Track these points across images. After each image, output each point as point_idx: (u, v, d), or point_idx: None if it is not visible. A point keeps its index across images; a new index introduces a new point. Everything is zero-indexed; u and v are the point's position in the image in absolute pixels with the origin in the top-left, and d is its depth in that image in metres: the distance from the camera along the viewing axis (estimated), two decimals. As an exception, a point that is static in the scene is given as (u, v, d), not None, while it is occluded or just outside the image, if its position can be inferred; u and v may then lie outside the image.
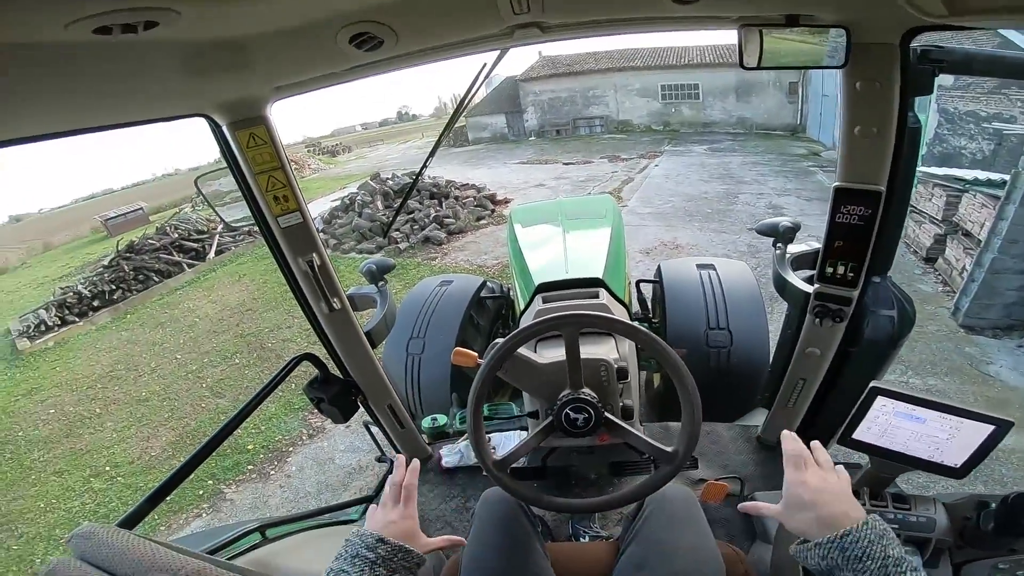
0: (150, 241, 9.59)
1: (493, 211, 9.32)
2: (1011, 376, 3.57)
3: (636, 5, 0.95)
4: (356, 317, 1.53)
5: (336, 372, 1.62)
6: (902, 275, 5.09)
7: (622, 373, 1.27)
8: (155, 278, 8.56)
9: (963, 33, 1.10)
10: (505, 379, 1.15)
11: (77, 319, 7.47)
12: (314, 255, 1.32)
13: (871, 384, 1.00)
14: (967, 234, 4.82)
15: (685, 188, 9.71)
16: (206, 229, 10.32)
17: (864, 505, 0.98)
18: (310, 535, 1.43)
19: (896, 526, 0.93)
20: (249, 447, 3.82)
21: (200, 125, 1.14)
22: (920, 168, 4.96)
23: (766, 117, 17.64)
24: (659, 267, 2.62)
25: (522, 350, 1.11)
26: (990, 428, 0.91)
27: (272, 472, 3.58)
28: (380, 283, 1.71)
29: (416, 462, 0.91)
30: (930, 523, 0.96)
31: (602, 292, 1.76)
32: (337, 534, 1.50)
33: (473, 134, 22.49)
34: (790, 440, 0.81)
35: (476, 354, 1.15)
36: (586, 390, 1.04)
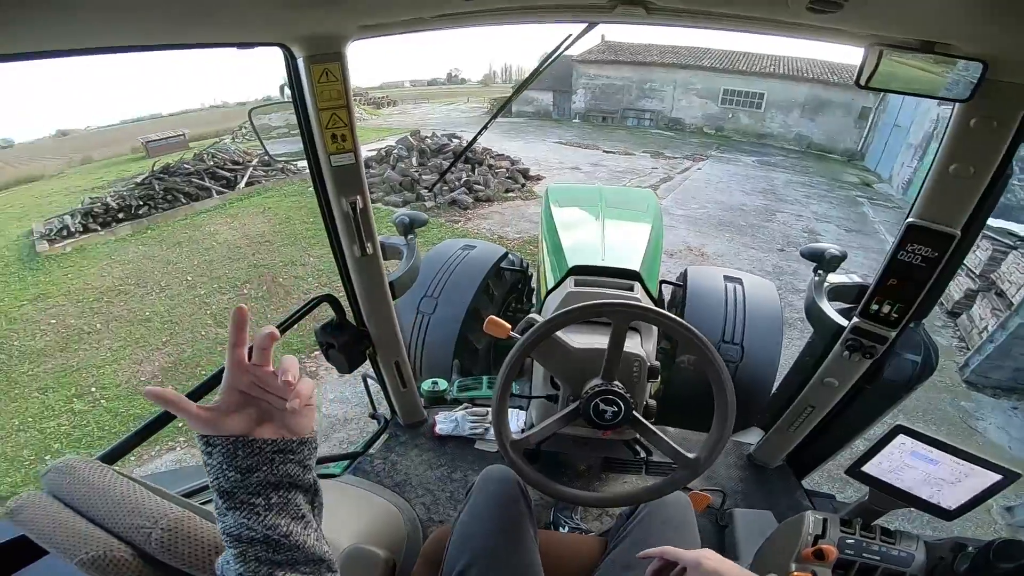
0: (185, 166, 9.67)
1: (523, 185, 9.18)
2: (996, 434, 3.64)
3: (760, 4, 0.87)
4: (384, 266, 1.52)
5: (351, 319, 1.60)
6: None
7: (653, 372, 1.27)
8: (183, 199, 8.64)
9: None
10: (534, 358, 1.12)
11: (99, 228, 7.58)
12: (358, 197, 1.32)
13: (897, 423, 1.02)
14: (1000, 294, 4.65)
15: (723, 197, 9.42)
16: (241, 161, 10.39)
17: (854, 534, 1.04)
18: None
19: (877, 558, 1.00)
20: None
21: (263, 57, 1.15)
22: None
23: (826, 138, 16.98)
24: (685, 271, 2.55)
25: (558, 331, 1.08)
26: (997, 477, 0.95)
27: None
28: (410, 236, 1.70)
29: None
30: (908, 559, 1.00)
31: (637, 286, 1.68)
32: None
33: (516, 107, 22.08)
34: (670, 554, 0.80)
35: (509, 326, 1.11)
36: (618, 383, 1.02)
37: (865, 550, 1.01)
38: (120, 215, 7.90)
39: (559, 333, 1.08)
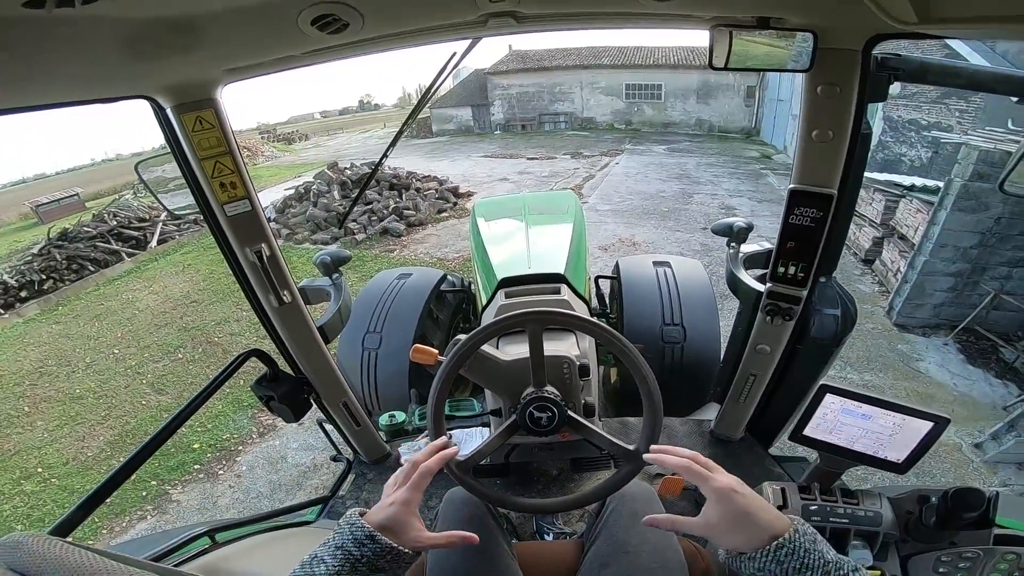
0: (86, 229, 8.95)
1: (455, 204, 9.23)
2: (938, 372, 3.88)
3: (613, 0, 0.94)
4: (308, 311, 1.47)
5: (287, 368, 1.55)
6: (843, 275, 5.39)
7: (584, 370, 1.27)
8: (91, 267, 7.98)
9: (911, 42, 1.14)
10: (467, 376, 1.13)
11: (2, 311, 6.88)
12: (263, 245, 1.27)
13: (820, 383, 1.03)
14: (902, 238, 5.15)
15: (643, 187, 9.93)
16: (148, 217, 9.74)
17: (815, 500, 1.03)
18: (263, 538, 1.35)
19: (846, 520, 0.98)
20: (195, 446, 3.65)
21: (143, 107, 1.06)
22: (864, 173, 5.19)
23: (723, 119, 18.28)
24: (617, 264, 2.65)
25: (485, 347, 1.09)
26: (930, 424, 0.96)
27: (221, 472, 3.44)
28: (335, 275, 1.65)
29: (452, 449, 0.83)
30: (877, 517, 0.98)
31: (564, 288, 1.76)
32: (293, 536, 1.44)
33: (437, 126, 22.20)
34: (672, 453, 0.74)
35: (436, 351, 1.12)
36: (549, 388, 1.03)
37: (831, 514, 1.00)
38: (23, 293, 7.20)
39: (487, 349, 1.10)
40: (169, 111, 1.06)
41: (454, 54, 1.24)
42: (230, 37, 0.88)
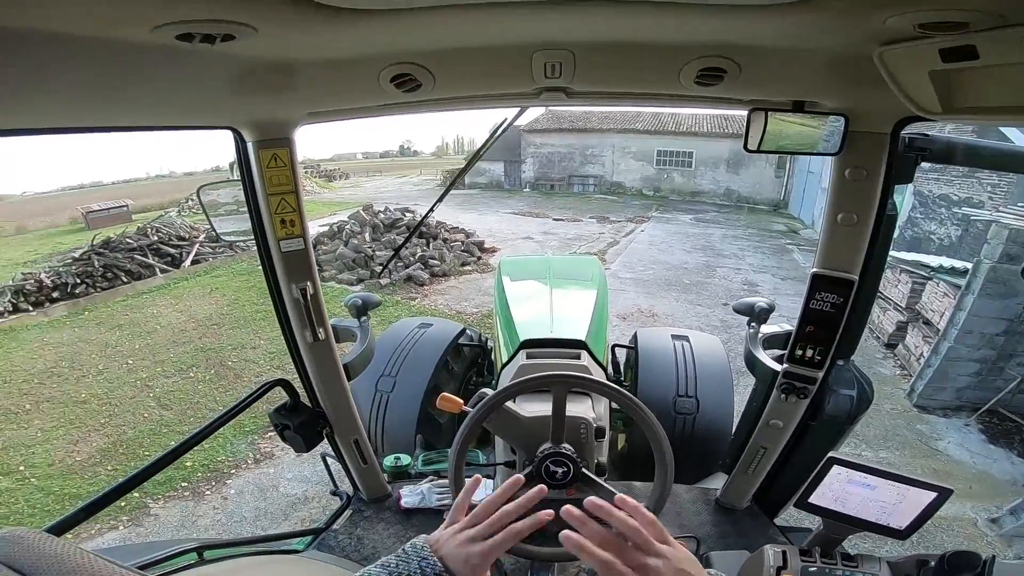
0: (128, 240, 9.40)
1: (480, 258, 9.37)
2: (956, 451, 3.84)
3: (658, 83, 1.01)
4: (337, 349, 1.52)
5: (306, 400, 1.61)
6: (864, 358, 5.27)
7: (600, 432, 1.32)
8: (124, 278, 8.32)
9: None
10: (488, 428, 1.19)
11: (31, 308, 7.14)
12: (308, 283, 1.34)
13: (828, 455, 1.07)
14: (927, 323, 5.05)
15: (667, 257, 9.99)
16: (187, 236, 10.17)
17: (815, 562, 1.06)
18: (251, 561, 1.36)
19: None
20: (187, 464, 3.65)
21: (208, 135, 1.16)
22: (891, 253, 5.14)
23: (752, 190, 18.40)
24: (635, 334, 2.70)
25: (508, 403, 1.16)
26: (933, 495, 1.00)
27: (208, 492, 3.42)
28: (363, 318, 1.72)
29: (546, 512, 0.66)
30: None
31: (584, 354, 1.80)
32: (280, 563, 1.46)
33: (470, 178, 22.81)
34: (627, 513, 0.61)
35: (462, 401, 1.18)
36: (566, 445, 1.09)
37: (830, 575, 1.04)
38: (55, 294, 7.50)
39: (510, 404, 1.17)
40: (250, 144, 1.14)
41: (505, 120, 1.35)
42: (318, 83, 0.96)
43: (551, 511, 0.62)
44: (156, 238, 9.73)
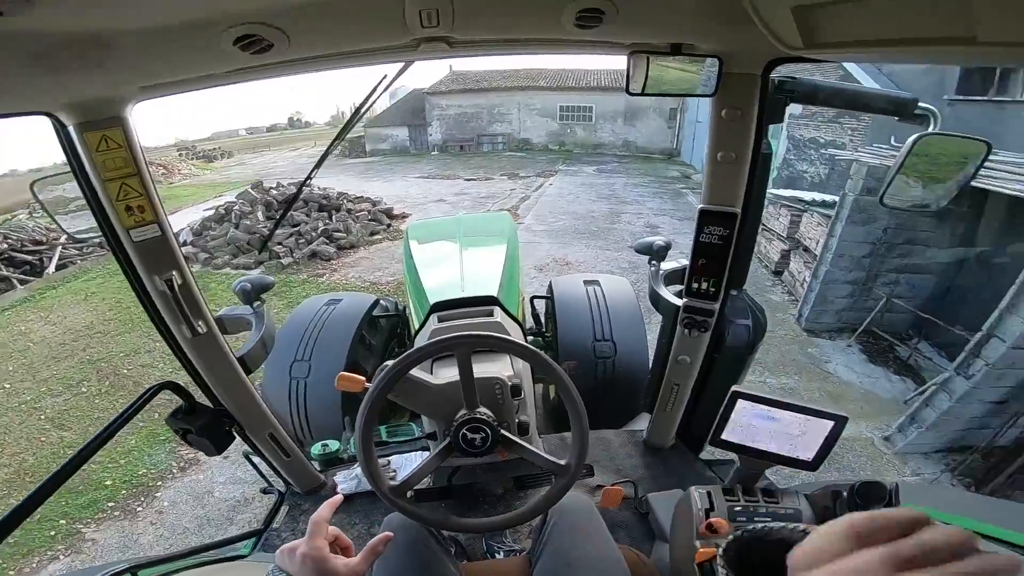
0: (-36, 253, 7.89)
1: (389, 226, 9.08)
2: (844, 372, 4.29)
3: (540, 27, 0.97)
4: (227, 341, 1.40)
5: (205, 400, 1.47)
6: (755, 287, 5.86)
7: (516, 390, 1.30)
8: (-31, 298, 7.03)
9: (814, 67, 1.25)
10: (398, 402, 1.11)
11: None
12: (174, 273, 1.20)
13: (732, 389, 1.11)
14: (806, 249, 5.68)
15: (576, 207, 10.31)
16: (45, 240, 8.74)
17: (739, 501, 1.09)
18: (195, 573, 1.26)
19: (769, 519, 1.03)
20: (107, 483, 3.38)
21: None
22: (770, 190, 5.76)
23: (648, 141, 19.38)
24: (550, 284, 2.75)
25: (416, 371, 1.08)
26: (831, 423, 1.04)
27: (139, 509, 3.20)
28: (256, 303, 1.58)
29: (336, 497, 0.83)
30: (797, 514, 1.05)
31: (496, 310, 1.79)
32: (226, 571, 1.38)
33: (371, 145, 21.81)
34: None
35: (363, 378, 1.09)
36: (482, 409, 1.04)
37: (755, 514, 1.05)
38: None
39: (416, 373, 1.10)
40: (71, 128, 0.98)
41: (384, 76, 1.23)
42: (146, 54, 0.83)
43: (340, 495, 0.79)
44: (7, 246, 8.27)
